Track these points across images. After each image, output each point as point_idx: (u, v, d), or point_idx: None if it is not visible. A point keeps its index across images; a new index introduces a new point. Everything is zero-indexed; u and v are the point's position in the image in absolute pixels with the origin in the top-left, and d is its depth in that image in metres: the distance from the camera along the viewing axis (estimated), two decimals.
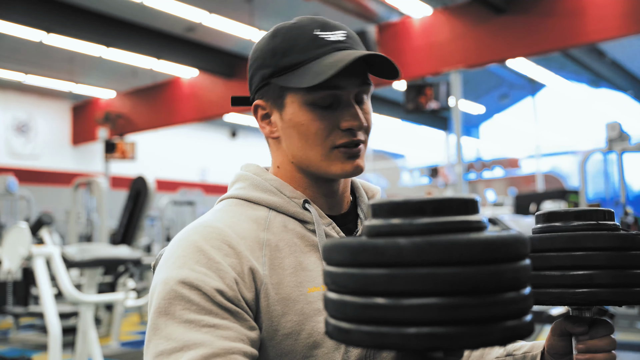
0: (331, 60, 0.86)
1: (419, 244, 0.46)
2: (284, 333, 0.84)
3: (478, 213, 0.52)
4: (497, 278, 0.47)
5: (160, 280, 0.83)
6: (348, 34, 0.93)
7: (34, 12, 8.62)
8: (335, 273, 0.51)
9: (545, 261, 0.83)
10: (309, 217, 0.92)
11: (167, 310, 0.79)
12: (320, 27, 0.92)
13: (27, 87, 13.02)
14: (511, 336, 0.48)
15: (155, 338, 0.79)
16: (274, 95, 0.92)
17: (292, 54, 0.89)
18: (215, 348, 0.76)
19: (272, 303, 0.85)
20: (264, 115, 0.96)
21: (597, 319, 0.89)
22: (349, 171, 0.91)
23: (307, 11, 9.02)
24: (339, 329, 0.51)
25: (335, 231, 0.94)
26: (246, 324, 0.82)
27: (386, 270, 0.47)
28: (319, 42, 0.89)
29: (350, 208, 1.00)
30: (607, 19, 7.64)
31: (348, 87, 0.89)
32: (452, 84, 8.59)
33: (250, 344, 0.81)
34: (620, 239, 0.82)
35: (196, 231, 0.87)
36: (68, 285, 3.83)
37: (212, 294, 0.80)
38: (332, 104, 0.89)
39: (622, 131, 5.97)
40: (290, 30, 0.91)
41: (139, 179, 6.96)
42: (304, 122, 0.89)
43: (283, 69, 0.90)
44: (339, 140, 0.89)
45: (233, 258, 0.84)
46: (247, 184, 0.95)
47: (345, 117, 0.89)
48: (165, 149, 15.53)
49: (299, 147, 0.91)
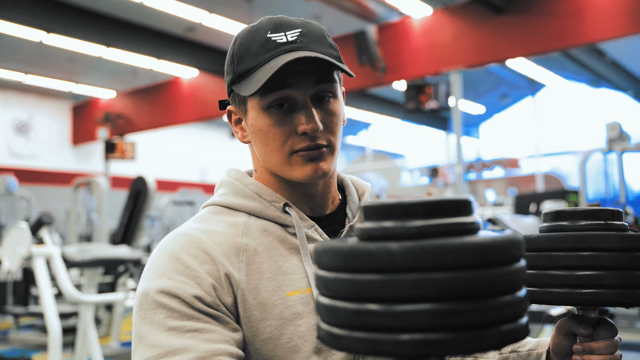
0: (270, 66, 0.84)
1: (410, 249, 0.46)
2: (263, 338, 0.84)
3: (472, 214, 0.51)
4: (491, 282, 0.46)
5: (141, 291, 0.83)
6: (303, 32, 0.89)
7: (34, 12, 8.61)
8: (326, 278, 0.50)
9: (552, 260, 0.83)
10: (289, 220, 0.91)
11: (150, 319, 0.80)
12: (274, 28, 0.89)
13: (27, 87, 13.01)
14: (506, 340, 0.47)
15: (141, 347, 0.79)
16: (239, 101, 0.93)
17: (246, 60, 0.89)
18: (200, 352, 0.77)
19: (249, 308, 0.84)
20: (236, 120, 0.96)
21: (602, 319, 0.89)
22: (310, 175, 0.88)
23: (307, 11, 9.02)
24: (331, 334, 0.50)
25: (318, 233, 0.92)
26: (229, 326, 0.82)
27: (378, 276, 0.46)
28: (269, 46, 0.87)
29: (338, 208, 0.98)
30: (607, 19, 7.64)
31: (301, 87, 0.87)
32: (452, 84, 8.59)
33: (235, 345, 0.81)
34: (629, 239, 0.81)
35: (174, 240, 0.87)
36: (68, 285, 3.83)
37: (191, 300, 0.80)
38: (289, 106, 0.87)
39: (622, 131, 5.97)
40: (247, 35, 0.91)
41: (139, 179, 6.96)
42: (262, 127, 0.89)
43: (239, 75, 0.89)
44: (297, 144, 0.88)
45: (209, 265, 0.84)
46: (227, 190, 0.96)
47: (300, 120, 0.87)
48: (165, 149, 15.53)
49: (263, 152, 0.91)
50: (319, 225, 0.94)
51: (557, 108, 16.45)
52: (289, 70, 0.84)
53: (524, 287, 0.51)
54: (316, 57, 0.84)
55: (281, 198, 0.92)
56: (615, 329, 0.89)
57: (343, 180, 1.02)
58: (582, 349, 0.87)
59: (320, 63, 0.86)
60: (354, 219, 0.97)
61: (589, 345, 0.87)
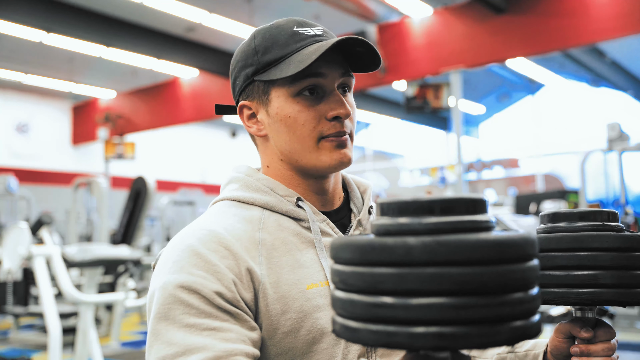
0: (312, 49, 0.88)
1: (428, 243, 0.47)
2: (283, 331, 0.84)
3: (486, 213, 0.52)
4: (505, 278, 0.47)
5: (159, 286, 0.82)
6: (325, 30, 0.94)
7: (34, 12, 8.61)
8: (343, 271, 0.51)
9: (550, 261, 0.84)
10: (302, 214, 0.92)
11: (167, 315, 0.80)
12: (299, 24, 0.93)
13: (27, 87, 13.01)
14: (519, 336, 0.48)
15: (157, 343, 0.79)
16: (259, 92, 0.93)
17: (274, 49, 0.91)
18: (217, 351, 0.76)
19: (270, 302, 0.84)
20: (250, 115, 0.97)
21: (600, 321, 0.89)
22: (338, 161, 0.91)
23: (307, 11, 9.02)
24: (347, 327, 0.51)
25: (330, 227, 0.94)
26: (247, 324, 0.82)
27: (395, 270, 0.47)
28: (299, 37, 0.91)
29: (343, 204, 1.00)
30: (607, 19, 7.64)
31: (331, 75, 0.90)
32: (452, 84, 8.59)
33: (252, 344, 0.81)
34: (625, 239, 0.82)
35: (192, 234, 0.87)
36: (68, 285, 3.83)
37: (211, 296, 0.80)
38: (317, 93, 0.90)
39: (622, 131, 5.97)
40: (269, 30, 0.93)
41: (139, 179, 6.96)
42: (291, 114, 0.90)
43: (266, 64, 0.91)
44: (327, 130, 0.90)
45: (230, 260, 0.84)
46: (239, 184, 0.96)
47: (331, 106, 0.90)
48: (165, 149, 15.53)
49: (287, 141, 0.92)
50: (329, 219, 0.95)
51: (557, 108, 16.46)
52: (319, 60, 0.87)
53: (537, 285, 0.52)
54: (364, 41, 0.88)
55: (294, 193, 0.93)
56: (613, 331, 0.89)
57: (345, 178, 1.04)
58: (581, 352, 0.88)
59: (347, 54, 0.92)
60: (360, 213, 0.99)
61: (587, 348, 0.87)
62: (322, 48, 0.86)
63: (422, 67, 9.07)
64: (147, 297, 0.86)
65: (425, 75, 9.13)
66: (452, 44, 8.82)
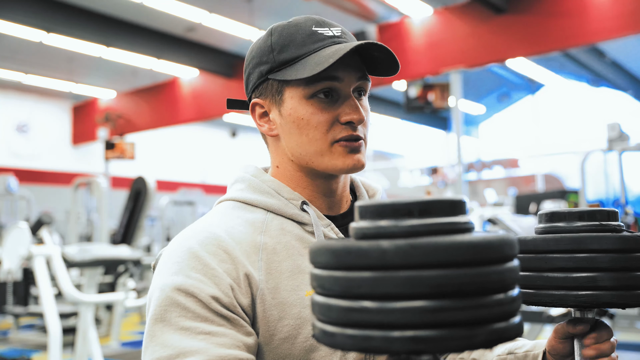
0: (330, 51, 0.86)
1: (401, 246, 0.46)
2: (280, 337, 0.84)
3: (465, 214, 0.51)
4: (481, 280, 0.47)
5: (157, 287, 0.83)
6: (344, 30, 0.93)
7: (34, 12, 8.62)
8: (320, 276, 0.51)
9: (548, 262, 0.83)
10: (307, 218, 0.91)
11: (163, 317, 0.79)
12: (317, 23, 0.92)
13: (27, 87, 13.01)
14: (497, 339, 0.48)
15: (152, 345, 0.79)
16: (273, 91, 0.92)
17: (290, 49, 0.89)
18: (210, 355, 0.76)
19: (268, 308, 0.84)
20: (262, 113, 0.95)
21: (598, 320, 0.89)
22: (350, 165, 0.89)
23: (307, 11, 9.02)
24: (325, 332, 0.51)
25: (334, 232, 0.93)
26: (242, 329, 0.81)
27: (370, 274, 0.47)
28: (317, 37, 0.89)
29: (350, 207, 0.99)
30: (607, 19, 7.64)
31: (347, 79, 0.89)
32: (452, 84, 8.59)
33: (247, 350, 0.80)
34: (624, 241, 0.81)
35: (193, 236, 0.86)
36: (68, 285, 3.83)
37: (207, 300, 0.80)
38: (332, 97, 0.89)
39: (622, 131, 5.97)
40: (287, 28, 0.91)
41: (139, 179, 6.96)
42: (304, 116, 0.88)
43: (281, 63, 0.89)
44: (339, 134, 0.88)
45: (228, 264, 0.83)
46: (245, 185, 0.94)
47: (345, 110, 0.88)
48: (165, 149, 15.53)
49: (299, 143, 0.90)
50: (334, 223, 0.94)
51: (557, 108, 16.45)
52: (336, 62, 0.84)
53: (517, 286, 0.52)
54: (383, 46, 0.86)
55: (299, 196, 0.92)
56: (610, 330, 0.89)
57: (353, 181, 1.03)
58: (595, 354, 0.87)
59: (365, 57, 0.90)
60: None
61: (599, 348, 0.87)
62: (340, 52, 0.84)
63: (422, 67, 9.07)
64: (147, 296, 0.86)
65: (425, 75, 9.13)
66: (452, 44, 8.81)
